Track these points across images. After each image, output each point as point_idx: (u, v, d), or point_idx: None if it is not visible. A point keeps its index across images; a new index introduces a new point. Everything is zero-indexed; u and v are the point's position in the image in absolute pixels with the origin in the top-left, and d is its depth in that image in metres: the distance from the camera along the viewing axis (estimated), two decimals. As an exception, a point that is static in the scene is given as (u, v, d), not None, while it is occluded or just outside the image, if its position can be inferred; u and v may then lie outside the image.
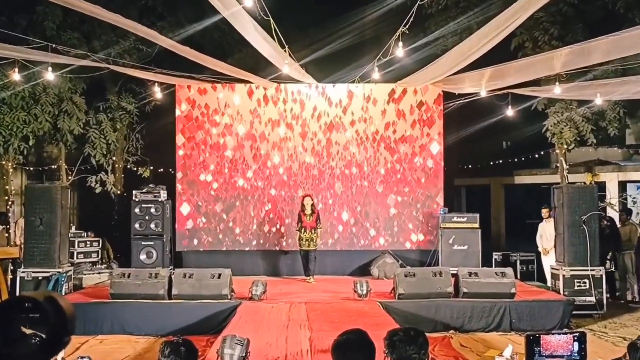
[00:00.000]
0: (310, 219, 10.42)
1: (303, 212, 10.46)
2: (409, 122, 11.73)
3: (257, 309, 8.02)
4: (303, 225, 10.44)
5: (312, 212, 10.44)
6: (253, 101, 11.73)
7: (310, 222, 10.42)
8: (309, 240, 10.39)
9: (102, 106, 12.55)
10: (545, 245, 10.88)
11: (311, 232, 10.40)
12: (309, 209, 10.44)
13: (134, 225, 10.73)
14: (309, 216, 10.42)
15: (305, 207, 10.45)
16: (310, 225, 10.42)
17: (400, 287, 8.50)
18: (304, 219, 10.43)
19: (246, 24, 7.39)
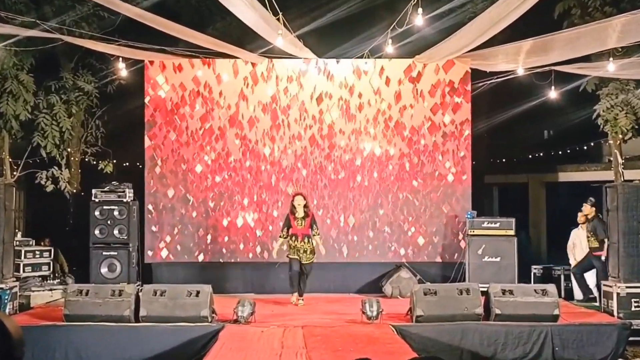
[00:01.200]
0: (303, 224, 9.91)
1: (293, 215, 9.95)
2: (430, 106, 11.72)
3: (243, 334, 8.01)
4: (293, 232, 9.93)
5: (304, 216, 9.94)
6: (239, 80, 11.72)
7: (303, 228, 9.92)
8: (304, 251, 9.89)
9: (54, 86, 12.53)
10: (579, 257, 10.88)
11: (304, 242, 9.89)
12: (301, 211, 9.93)
13: (93, 231, 10.71)
14: (301, 220, 9.91)
15: (295, 210, 9.95)
16: (303, 233, 9.89)
17: (419, 307, 8.49)
18: (294, 224, 9.92)
19: None
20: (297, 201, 9.99)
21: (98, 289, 8.76)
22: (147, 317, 8.38)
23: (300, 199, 10.01)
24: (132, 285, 9.18)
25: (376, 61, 11.63)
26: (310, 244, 9.94)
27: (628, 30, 8.10)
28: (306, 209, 10.01)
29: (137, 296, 8.59)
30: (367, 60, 11.60)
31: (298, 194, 10.18)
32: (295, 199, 10.06)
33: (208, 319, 8.39)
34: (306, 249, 9.88)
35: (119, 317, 8.35)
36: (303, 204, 9.98)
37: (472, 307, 8.48)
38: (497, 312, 8.48)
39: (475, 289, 8.72)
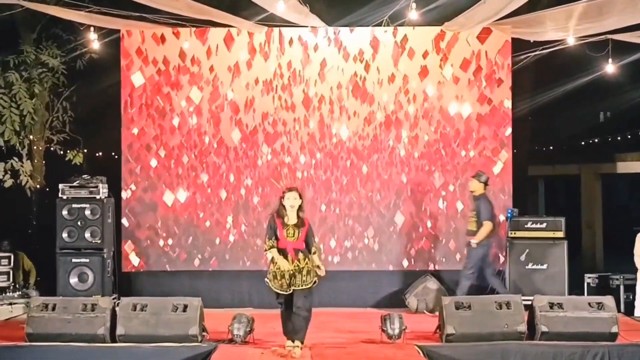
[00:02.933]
0: (296, 234, 8.17)
1: (281, 221, 8.20)
2: (463, 83, 11.71)
3: (240, 355, 8.04)
4: (280, 245, 8.17)
5: (298, 222, 8.23)
6: (233, 53, 11.73)
7: (295, 240, 8.17)
8: (297, 271, 8.10)
9: (13, 61, 12.55)
10: None
11: (297, 261, 8.11)
12: (294, 215, 8.21)
13: (60, 234, 10.74)
14: (293, 229, 8.16)
15: (286, 213, 8.21)
16: (294, 247, 8.14)
17: (450, 324, 8.49)
18: (281, 234, 8.14)
19: None
20: (290, 200, 8.20)
21: (67, 302, 8.76)
22: (125, 337, 8.39)
23: (295, 197, 8.24)
24: (107, 299, 9.19)
25: (398, 29, 11.60)
26: (307, 262, 8.15)
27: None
28: (301, 212, 8.29)
29: (114, 311, 8.61)
30: (387, 28, 11.58)
31: (291, 189, 8.40)
32: (286, 196, 8.26)
33: (198, 339, 8.41)
34: (301, 269, 8.11)
35: (92, 336, 8.36)
36: (298, 205, 8.22)
37: (514, 324, 8.47)
38: (544, 329, 8.46)
39: (518, 302, 8.70)
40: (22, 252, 12.13)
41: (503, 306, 8.63)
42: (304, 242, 8.20)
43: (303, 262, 8.11)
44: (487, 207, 10.59)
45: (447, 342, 8.46)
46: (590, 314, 8.54)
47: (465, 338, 8.42)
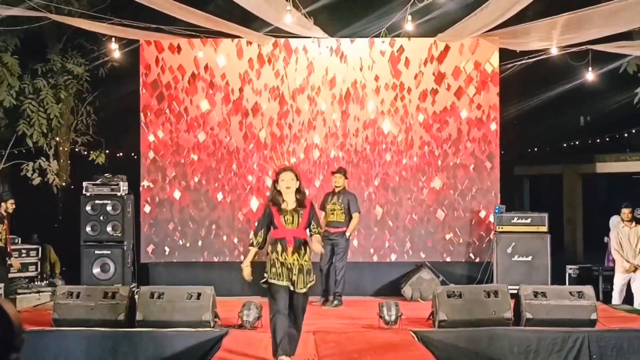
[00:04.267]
0: (295, 220, 6.66)
1: (276, 207, 6.68)
2: (454, 90, 11.69)
3: (249, 340, 8.03)
4: (277, 236, 6.74)
5: (298, 206, 6.69)
6: (243, 62, 11.72)
7: (296, 228, 6.67)
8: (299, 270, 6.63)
9: (41, 69, 12.57)
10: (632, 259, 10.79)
11: (298, 253, 6.63)
12: (292, 198, 6.68)
13: (84, 228, 10.75)
14: (292, 215, 6.65)
15: (281, 196, 6.68)
16: (295, 235, 6.64)
17: (442, 311, 8.48)
18: (279, 222, 6.66)
19: None
20: (286, 182, 6.63)
21: (90, 291, 8.78)
22: (144, 322, 8.39)
23: (291, 177, 6.66)
24: (127, 287, 9.20)
25: (395, 40, 11.59)
26: (307, 256, 6.69)
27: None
28: (299, 195, 6.70)
29: (133, 299, 8.61)
30: (385, 39, 11.56)
31: (285, 169, 6.83)
32: (280, 177, 6.69)
33: (210, 324, 8.41)
34: (302, 267, 6.61)
35: (113, 322, 8.36)
36: (295, 187, 6.67)
37: (501, 311, 8.46)
38: (529, 316, 8.45)
39: (504, 291, 8.69)
40: (48, 245, 12.17)
41: (491, 295, 8.63)
42: (305, 227, 6.69)
43: (303, 257, 6.62)
44: (355, 200, 10.57)
45: (439, 328, 8.45)
46: (572, 302, 8.54)
47: (456, 324, 8.42)
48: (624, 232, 10.86)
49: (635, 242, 10.73)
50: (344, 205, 10.43)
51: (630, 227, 10.81)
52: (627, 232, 10.83)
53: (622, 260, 10.75)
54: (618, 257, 10.82)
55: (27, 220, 12.66)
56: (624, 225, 10.85)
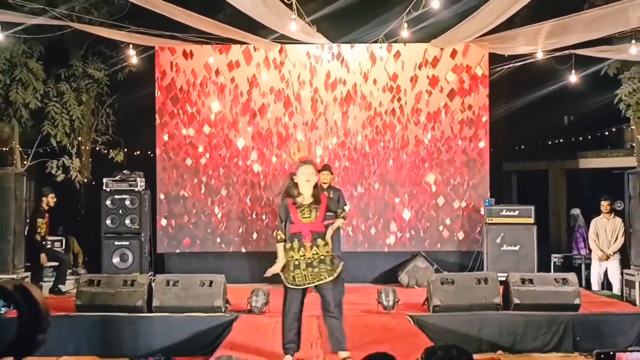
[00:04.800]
0: (313, 214, 6.07)
1: (292, 201, 6.12)
2: (447, 92, 11.68)
3: (257, 324, 8.04)
4: (293, 230, 6.16)
5: (315, 201, 6.12)
6: (251, 67, 11.72)
7: (313, 222, 6.07)
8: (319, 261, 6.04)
9: (64, 74, 12.56)
10: (606, 248, 10.80)
11: (316, 247, 6.04)
12: (308, 192, 6.09)
13: (104, 221, 10.77)
14: (309, 209, 6.07)
15: (298, 189, 6.13)
16: (312, 229, 6.05)
17: (436, 297, 8.49)
18: (295, 216, 6.07)
19: None
20: (306, 175, 6.07)
21: (110, 279, 8.82)
22: (160, 308, 8.42)
23: (312, 171, 6.14)
24: (144, 276, 9.21)
25: (392, 46, 11.58)
26: (328, 248, 6.08)
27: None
28: (315, 190, 6.14)
29: (150, 286, 8.63)
30: (382, 44, 11.56)
31: (306, 162, 6.33)
32: (300, 170, 6.12)
33: (221, 309, 8.43)
34: (323, 257, 6.02)
35: (132, 308, 8.39)
36: (314, 180, 6.14)
37: (491, 297, 8.48)
38: (516, 301, 8.46)
39: (494, 278, 8.71)
40: (72, 237, 12.17)
41: (481, 282, 8.65)
42: (322, 222, 6.10)
43: (322, 249, 6.03)
44: (342, 195, 10.36)
45: (433, 312, 8.47)
46: (556, 288, 8.55)
47: (449, 309, 8.44)
48: (601, 223, 10.88)
49: (611, 233, 10.75)
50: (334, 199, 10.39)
51: (608, 218, 10.82)
52: (604, 223, 10.85)
53: (596, 249, 10.79)
54: (594, 246, 10.86)
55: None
56: (602, 217, 10.86)
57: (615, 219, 10.82)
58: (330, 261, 6.06)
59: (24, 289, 1.22)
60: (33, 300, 1.20)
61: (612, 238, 10.73)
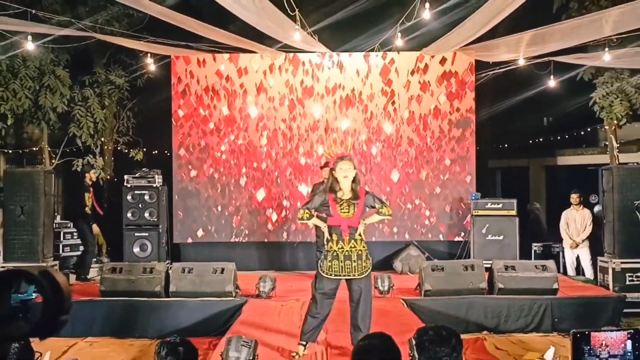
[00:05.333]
0: (351, 209, 5.74)
1: (334, 196, 5.75)
2: (437, 96, 11.66)
3: (265, 307, 8.05)
4: (332, 223, 5.79)
5: (352, 198, 5.75)
6: (259, 73, 11.70)
7: (351, 217, 5.75)
8: (357, 256, 5.76)
9: (88, 80, 12.59)
10: (575, 237, 10.79)
11: (354, 241, 5.76)
12: (347, 187, 5.75)
13: (126, 214, 10.76)
14: (347, 204, 5.74)
15: (339, 185, 5.75)
16: (350, 224, 5.75)
17: (427, 282, 8.49)
18: (334, 210, 5.73)
19: None
20: (344, 170, 5.70)
21: (131, 266, 8.82)
22: (176, 293, 8.42)
23: (349, 167, 5.72)
24: (162, 264, 9.22)
25: (386, 54, 11.57)
26: (364, 243, 5.82)
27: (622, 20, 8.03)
28: (354, 184, 5.77)
29: (167, 273, 8.63)
30: (378, 53, 11.54)
31: (343, 157, 5.81)
32: (338, 166, 5.73)
33: (232, 294, 8.42)
34: (360, 253, 5.76)
35: (151, 293, 8.40)
36: (352, 176, 5.74)
37: (477, 282, 8.47)
38: (500, 286, 8.45)
39: (480, 265, 8.69)
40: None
41: (468, 268, 8.63)
42: (360, 218, 5.80)
43: (360, 244, 5.77)
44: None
45: (425, 297, 8.46)
46: (536, 274, 8.54)
47: (439, 293, 8.43)
48: (571, 214, 10.91)
49: (580, 223, 10.77)
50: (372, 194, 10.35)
51: (577, 210, 10.85)
52: (574, 214, 10.89)
53: (567, 237, 10.82)
54: (564, 235, 10.89)
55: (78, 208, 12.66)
56: (572, 208, 10.89)
57: (584, 210, 10.85)
58: (366, 257, 5.81)
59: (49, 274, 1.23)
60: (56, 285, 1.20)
61: (581, 228, 10.76)
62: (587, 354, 3.36)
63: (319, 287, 5.81)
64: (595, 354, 3.33)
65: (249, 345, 5.43)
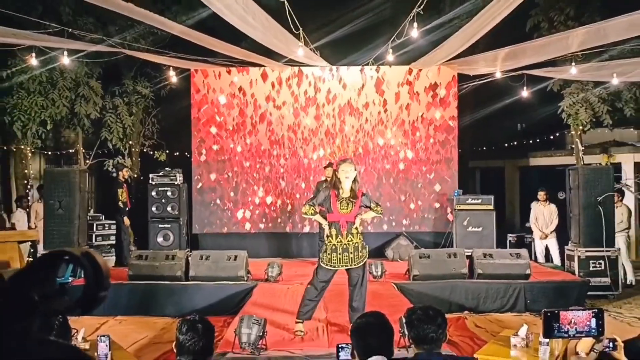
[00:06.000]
0: (349, 206, 5.74)
1: (335, 192, 5.74)
2: (424, 104, 11.66)
3: (273, 290, 8.06)
4: (332, 219, 5.77)
5: (352, 197, 5.75)
6: (267, 85, 11.70)
7: (349, 213, 5.75)
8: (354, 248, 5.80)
9: (118, 90, 12.58)
10: (544, 229, 10.79)
11: (351, 235, 5.78)
12: (348, 187, 5.73)
13: (151, 208, 10.77)
14: (347, 202, 5.73)
15: (341, 184, 5.72)
16: (347, 219, 5.75)
17: (415, 268, 8.49)
18: (334, 207, 5.73)
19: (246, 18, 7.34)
20: (345, 172, 5.68)
21: (155, 254, 8.83)
22: (195, 277, 8.45)
23: (350, 169, 5.71)
24: (182, 251, 9.23)
25: (379, 67, 11.56)
26: (361, 236, 5.86)
27: (586, 39, 8.03)
28: (354, 184, 5.76)
29: (187, 260, 8.65)
30: (372, 67, 11.53)
31: (345, 160, 5.93)
32: (341, 167, 5.73)
33: (244, 278, 8.45)
34: (356, 245, 5.80)
35: (173, 277, 8.43)
36: (353, 177, 5.72)
37: (459, 268, 8.48)
38: (479, 272, 8.47)
39: (461, 254, 8.71)
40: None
41: (451, 256, 8.64)
42: (356, 215, 5.82)
43: (357, 237, 5.80)
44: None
45: (413, 281, 8.48)
46: (511, 261, 8.55)
47: (426, 277, 8.44)
48: (539, 209, 10.92)
49: (548, 217, 10.78)
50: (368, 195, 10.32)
51: (545, 205, 10.86)
52: (542, 209, 10.90)
53: (537, 230, 10.84)
54: (534, 227, 10.90)
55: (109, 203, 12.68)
56: (539, 204, 10.90)
57: (550, 205, 10.86)
58: (361, 248, 5.84)
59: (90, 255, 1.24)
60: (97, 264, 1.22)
61: (549, 221, 10.77)
62: (556, 331, 3.37)
63: (320, 277, 5.87)
64: (564, 331, 3.34)
65: (259, 323, 5.44)
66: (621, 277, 9.58)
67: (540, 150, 15.95)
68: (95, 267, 1.21)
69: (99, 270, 1.22)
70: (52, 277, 1.20)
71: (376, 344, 2.89)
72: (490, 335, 6.86)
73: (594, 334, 3.33)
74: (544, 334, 3.51)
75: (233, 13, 7.18)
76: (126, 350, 5.35)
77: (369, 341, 2.91)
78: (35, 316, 1.15)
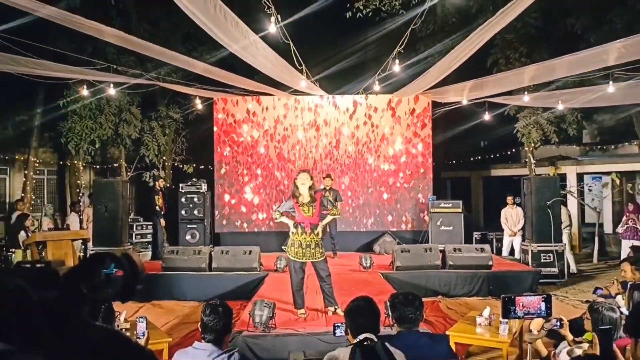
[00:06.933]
0: (310, 210, 5.64)
1: (296, 200, 5.65)
2: (404, 126, 11.68)
3: (281, 279, 8.04)
4: (298, 220, 5.68)
5: (311, 201, 5.66)
6: (276, 110, 11.72)
7: (311, 216, 5.65)
8: (315, 245, 5.68)
9: (154, 115, 12.62)
10: (513, 228, 10.79)
11: (314, 234, 5.65)
12: (306, 193, 5.64)
13: (180, 212, 10.78)
14: (307, 207, 5.64)
15: (299, 191, 5.66)
16: (311, 221, 5.64)
17: (398, 260, 8.49)
18: (299, 211, 5.64)
19: (258, 56, 7.37)
20: (301, 180, 5.65)
21: (184, 249, 8.83)
22: (217, 268, 8.43)
23: (306, 177, 5.66)
24: (207, 247, 9.22)
25: (367, 96, 11.58)
26: (320, 235, 5.75)
27: (537, 74, 8.07)
28: (311, 191, 5.70)
29: (210, 254, 8.63)
30: (362, 95, 11.55)
31: (303, 171, 5.81)
32: (299, 177, 5.71)
33: (257, 269, 8.43)
34: (317, 242, 5.69)
35: (198, 268, 8.41)
36: (309, 184, 5.65)
37: (433, 260, 8.48)
38: (450, 263, 8.46)
39: (436, 248, 8.70)
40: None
41: (427, 250, 8.63)
42: (319, 216, 5.70)
43: (317, 237, 5.68)
44: (339, 194, 10.02)
45: (396, 271, 8.47)
46: (477, 254, 8.54)
47: (406, 268, 8.43)
48: (508, 212, 10.89)
49: (516, 218, 10.75)
50: (333, 197, 10.34)
51: (512, 208, 10.83)
52: (510, 212, 10.86)
53: (507, 229, 10.79)
54: (505, 227, 10.85)
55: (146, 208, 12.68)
56: (508, 207, 10.88)
57: (517, 208, 10.83)
58: (321, 245, 5.75)
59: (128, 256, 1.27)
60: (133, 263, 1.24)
61: (516, 221, 10.74)
62: (512, 313, 3.37)
63: (292, 270, 5.80)
64: (519, 313, 3.34)
65: (269, 306, 5.42)
66: (566, 267, 9.57)
67: (500, 163, 15.99)
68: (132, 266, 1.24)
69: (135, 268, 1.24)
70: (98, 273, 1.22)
71: (366, 323, 2.90)
72: (460, 315, 6.86)
73: (544, 315, 3.33)
74: (502, 315, 3.51)
75: (249, 53, 7.22)
76: (160, 329, 5.34)
77: (360, 321, 2.92)
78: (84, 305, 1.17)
